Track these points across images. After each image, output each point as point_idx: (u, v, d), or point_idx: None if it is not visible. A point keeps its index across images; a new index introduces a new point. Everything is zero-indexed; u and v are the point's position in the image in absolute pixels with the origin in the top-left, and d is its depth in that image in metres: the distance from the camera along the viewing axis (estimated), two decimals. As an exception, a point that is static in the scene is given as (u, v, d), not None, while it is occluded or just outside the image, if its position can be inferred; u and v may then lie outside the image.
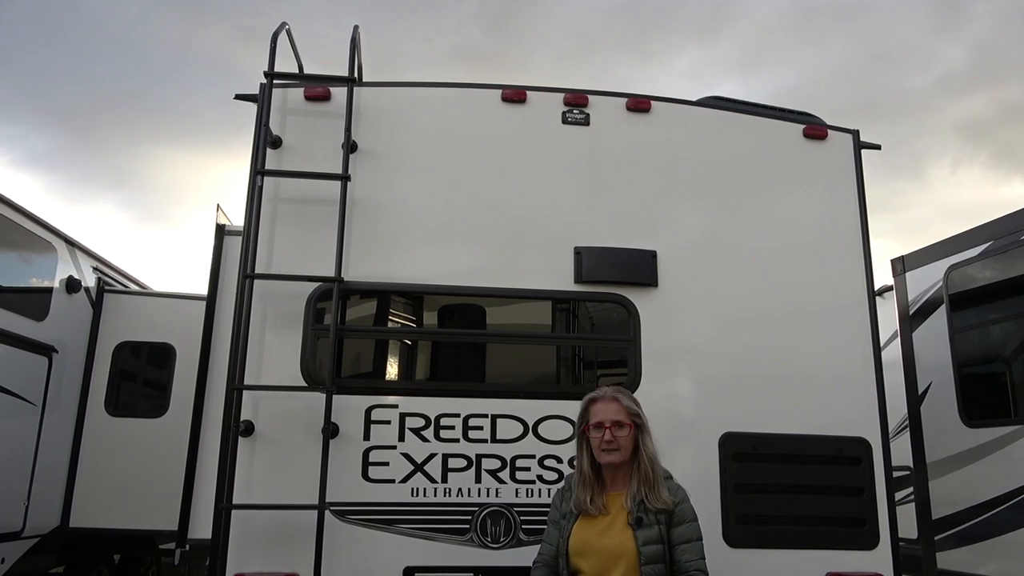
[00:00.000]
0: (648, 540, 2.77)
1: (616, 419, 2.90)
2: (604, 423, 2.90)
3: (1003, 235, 5.33)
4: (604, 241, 3.99)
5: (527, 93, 4.15)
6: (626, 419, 2.91)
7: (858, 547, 3.79)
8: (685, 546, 2.80)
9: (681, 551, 2.79)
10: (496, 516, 3.62)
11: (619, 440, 2.88)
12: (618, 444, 2.88)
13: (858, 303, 4.11)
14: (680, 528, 2.83)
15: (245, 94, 4.01)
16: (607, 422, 2.89)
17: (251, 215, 3.77)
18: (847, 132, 4.37)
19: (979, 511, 5.29)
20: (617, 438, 2.88)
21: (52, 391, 6.75)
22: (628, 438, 2.90)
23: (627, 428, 2.90)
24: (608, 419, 2.90)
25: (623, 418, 2.91)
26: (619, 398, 2.96)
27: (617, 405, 2.94)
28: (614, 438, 2.87)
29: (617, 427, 2.89)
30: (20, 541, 6.40)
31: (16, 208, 6.35)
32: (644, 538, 2.77)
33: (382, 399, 3.73)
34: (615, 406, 2.93)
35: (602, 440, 2.88)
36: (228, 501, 3.46)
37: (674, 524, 2.83)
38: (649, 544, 2.76)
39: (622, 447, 2.89)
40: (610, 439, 2.87)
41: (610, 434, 2.87)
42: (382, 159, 3.99)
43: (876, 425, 3.95)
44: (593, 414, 2.95)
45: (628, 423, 2.91)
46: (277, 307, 3.75)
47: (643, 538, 2.77)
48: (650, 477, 2.86)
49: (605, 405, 2.94)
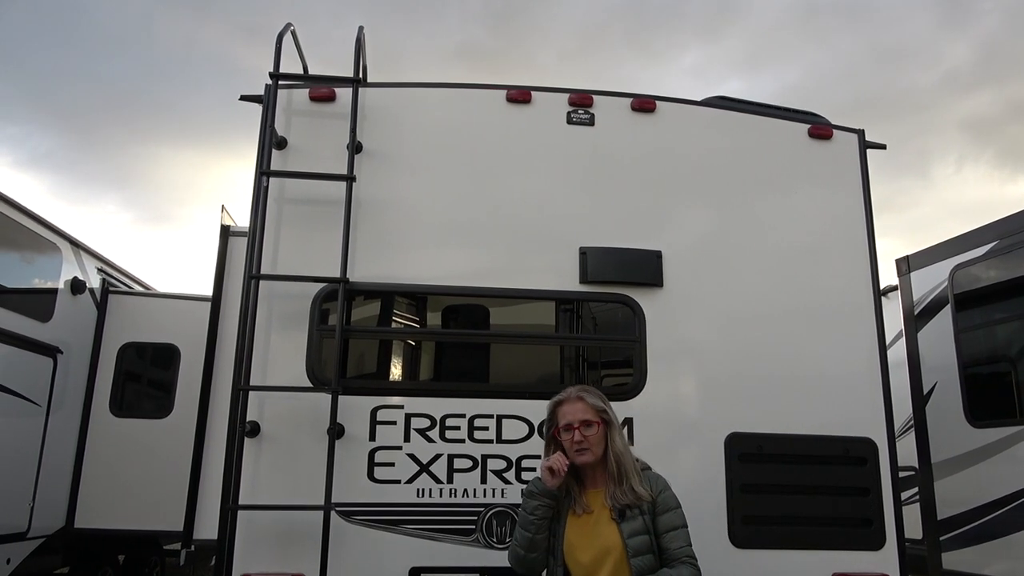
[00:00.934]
0: (633, 532, 2.77)
1: (584, 418, 2.88)
2: (572, 424, 2.88)
3: (1009, 235, 5.32)
4: (609, 241, 3.99)
5: (532, 93, 4.15)
6: (593, 417, 2.89)
7: (864, 547, 3.78)
8: (672, 534, 2.80)
9: (668, 539, 2.79)
10: (502, 516, 3.62)
11: (589, 439, 2.86)
12: (589, 443, 2.86)
13: (864, 303, 4.10)
14: (664, 517, 2.82)
15: (250, 95, 4.01)
16: (575, 422, 2.88)
17: (256, 216, 3.77)
18: (852, 132, 4.37)
19: (984, 511, 5.28)
20: (587, 437, 2.86)
21: (57, 392, 6.77)
22: (598, 435, 2.88)
23: (595, 426, 2.88)
24: (576, 419, 2.88)
25: (591, 416, 2.89)
26: (584, 396, 2.94)
27: (583, 404, 2.92)
28: (584, 438, 2.86)
29: (585, 426, 2.87)
30: (25, 542, 6.42)
31: (21, 209, 6.37)
32: (629, 530, 2.78)
33: (388, 400, 3.73)
34: (581, 405, 2.91)
35: (572, 441, 2.87)
36: (234, 502, 3.47)
37: (658, 513, 2.83)
38: (635, 536, 2.77)
39: (593, 445, 2.87)
40: (580, 439, 2.86)
41: (579, 434, 2.86)
42: (387, 160, 3.99)
43: (882, 425, 3.94)
44: (561, 416, 2.93)
45: (596, 420, 2.89)
46: (282, 308, 3.76)
47: (628, 530, 2.77)
48: (615, 473, 2.85)
49: (571, 406, 2.93)
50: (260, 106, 3.95)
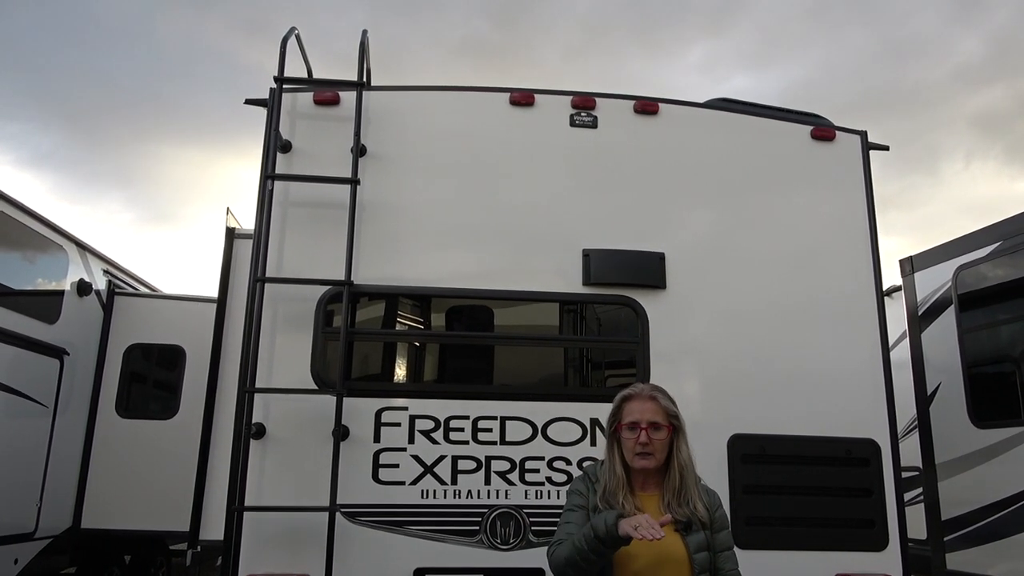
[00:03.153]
0: (699, 547, 2.53)
1: (653, 420, 2.58)
2: (640, 423, 2.58)
3: (1013, 235, 5.32)
4: (612, 243, 4.00)
5: (535, 96, 4.16)
6: (664, 420, 2.59)
7: (867, 548, 3.79)
8: (726, 554, 2.60)
9: (724, 559, 2.58)
10: (506, 517, 3.64)
11: (655, 443, 2.57)
12: (653, 448, 2.56)
13: (867, 304, 4.11)
14: (721, 535, 2.61)
15: (255, 99, 4.03)
16: (643, 423, 2.58)
17: (261, 219, 3.79)
18: (855, 133, 4.37)
19: (988, 512, 5.28)
20: (653, 441, 2.56)
21: (64, 393, 6.81)
22: (664, 441, 2.59)
23: (664, 430, 2.59)
24: (644, 419, 2.58)
25: (660, 419, 2.59)
26: (657, 396, 2.64)
27: (655, 404, 2.62)
28: (650, 440, 2.56)
29: (654, 429, 2.57)
30: (33, 542, 6.46)
31: (27, 211, 6.41)
32: (695, 545, 2.52)
33: (392, 401, 3.75)
34: (652, 405, 2.61)
35: (636, 442, 2.57)
36: (240, 503, 3.49)
37: (716, 530, 2.60)
38: (700, 551, 2.52)
39: (657, 451, 2.57)
40: (645, 441, 2.56)
41: (646, 436, 2.56)
42: (391, 163, 4.01)
43: (885, 426, 3.95)
44: (627, 413, 2.63)
45: (666, 424, 2.59)
46: (287, 310, 3.78)
47: (694, 545, 2.52)
48: (676, 485, 2.58)
49: (641, 404, 2.62)
50: (265, 109, 3.98)
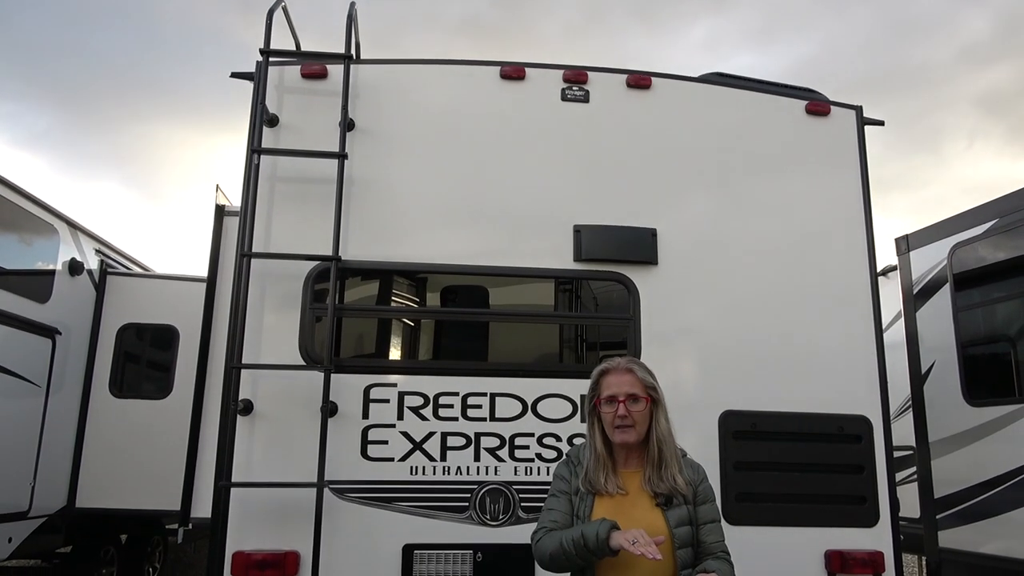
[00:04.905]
0: (680, 521, 2.52)
1: (631, 392, 2.57)
2: (617, 397, 2.57)
3: (1007, 213, 5.28)
4: (604, 219, 3.96)
5: (526, 70, 4.10)
6: (642, 392, 2.58)
7: (858, 524, 3.79)
8: (709, 526, 2.58)
9: (706, 531, 2.57)
10: (495, 494, 3.63)
11: (634, 415, 2.55)
12: (633, 420, 2.55)
13: (860, 280, 4.08)
14: (704, 507, 2.60)
15: (241, 72, 3.97)
16: (621, 395, 2.57)
17: (248, 194, 3.75)
18: (850, 108, 4.33)
19: (981, 490, 5.28)
20: (632, 413, 2.55)
21: (56, 373, 6.78)
22: (644, 413, 2.57)
23: (643, 402, 2.57)
24: (622, 392, 2.57)
25: (639, 391, 2.58)
26: (634, 369, 2.63)
27: (632, 377, 2.60)
28: (628, 413, 2.55)
29: (632, 401, 2.56)
30: (27, 521, 6.46)
31: (18, 191, 6.35)
32: (676, 519, 2.52)
33: (381, 378, 3.72)
34: (629, 378, 2.60)
35: (615, 416, 2.56)
36: (227, 479, 3.48)
37: (698, 503, 2.60)
38: (681, 526, 2.52)
39: (638, 423, 2.56)
40: (624, 414, 2.54)
41: (624, 408, 2.55)
42: (380, 137, 3.96)
43: (877, 403, 3.93)
44: (605, 386, 2.62)
45: (644, 396, 2.58)
46: (275, 286, 3.75)
47: (675, 519, 2.52)
48: (656, 458, 2.58)
49: (618, 377, 2.61)
50: (252, 83, 3.92)
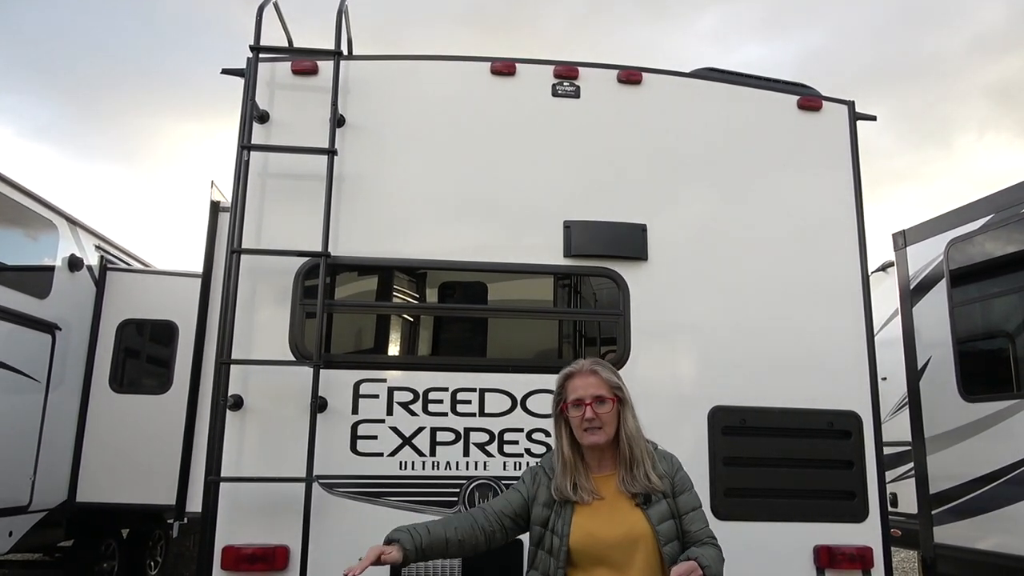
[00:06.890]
0: (662, 517, 2.53)
1: (597, 394, 2.59)
2: (584, 399, 2.58)
3: (1003, 208, 5.26)
4: (594, 215, 3.96)
5: (516, 65, 4.10)
6: (608, 393, 2.60)
7: (847, 520, 3.79)
8: (692, 515, 2.60)
9: (689, 520, 2.58)
10: (484, 489, 3.64)
11: (602, 417, 2.57)
12: (601, 421, 2.57)
13: (851, 276, 4.07)
14: (683, 497, 2.62)
15: (232, 68, 3.99)
16: (587, 398, 2.58)
17: (238, 190, 3.76)
18: (842, 103, 4.31)
19: (977, 485, 5.27)
20: (599, 415, 2.57)
21: (56, 368, 6.82)
22: (611, 414, 2.59)
23: (609, 403, 2.59)
24: (588, 394, 2.59)
25: (604, 392, 2.59)
26: (598, 370, 2.64)
27: (596, 378, 2.62)
28: (596, 415, 2.56)
29: (598, 403, 2.58)
30: (27, 515, 6.51)
31: (17, 187, 6.39)
32: (658, 516, 2.53)
33: (370, 373, 3.73)
34: (594, 379, 2.62)
35: (583, 419, 2.57)
36: (217, 474, 3.50)
37: (677, 494, 2.61)
38: (664, 521, 2.53)
39: (606, 424, 2.58)
40: (592, 416, 2.56)
41: (591, 411, 2.56)
42: (370, 133, 3.97)
43: (867, 399, 3.93)
44: (571, 390, 2.63)
45: (610, 397, 2.59)
46: (266, 282, 3.76)
47: (657, 516, 2.53)
48: (627, 457, 2.59)
49: (583, 379, 2.63)
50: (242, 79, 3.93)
